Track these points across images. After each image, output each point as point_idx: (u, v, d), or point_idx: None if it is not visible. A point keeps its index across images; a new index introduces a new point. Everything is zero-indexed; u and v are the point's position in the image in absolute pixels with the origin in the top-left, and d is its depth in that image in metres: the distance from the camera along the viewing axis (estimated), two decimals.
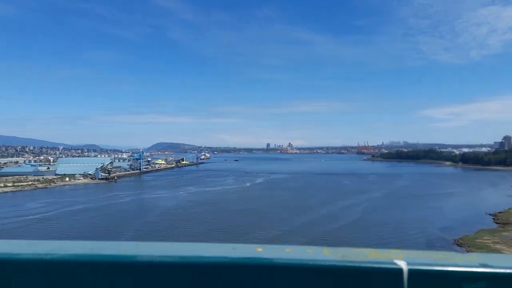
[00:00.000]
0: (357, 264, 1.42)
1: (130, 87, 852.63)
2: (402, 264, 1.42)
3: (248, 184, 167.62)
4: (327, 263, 1.39)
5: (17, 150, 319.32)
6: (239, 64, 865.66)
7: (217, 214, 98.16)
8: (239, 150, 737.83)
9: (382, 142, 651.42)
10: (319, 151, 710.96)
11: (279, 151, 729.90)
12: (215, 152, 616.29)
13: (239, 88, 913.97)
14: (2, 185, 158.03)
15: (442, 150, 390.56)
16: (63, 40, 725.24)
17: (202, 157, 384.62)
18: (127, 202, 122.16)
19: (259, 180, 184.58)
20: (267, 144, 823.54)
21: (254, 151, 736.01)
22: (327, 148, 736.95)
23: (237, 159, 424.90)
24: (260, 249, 1.15)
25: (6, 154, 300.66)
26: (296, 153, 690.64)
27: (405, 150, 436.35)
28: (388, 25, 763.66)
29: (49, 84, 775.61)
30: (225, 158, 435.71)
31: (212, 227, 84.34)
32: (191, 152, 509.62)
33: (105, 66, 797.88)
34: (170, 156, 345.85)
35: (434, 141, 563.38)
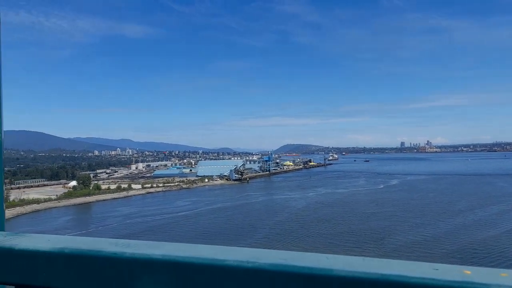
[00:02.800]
0: None
1: (259, 92, 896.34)
2: None
3: (381, 186, 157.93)
4: None
5: (165, 155, 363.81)
6: (368, 61, 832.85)
7: (347, 216, 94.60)
8: (370, 150, 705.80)
9: None
10: (464, 149, 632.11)
11: (415, 150, 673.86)
12: (344, 153, 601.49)
13: (368, 85, 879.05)
14: (155, 186, 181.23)
15: None
16: (198, 53, 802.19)
17: (329, 158, 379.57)
18: (259, 202, 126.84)
19: (394, 182, 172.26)
20: (401, 143, 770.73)
21: (386, 151, 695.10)
22: (474, 145, 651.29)
23: (367, 159, 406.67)
24: (468, 272, 0.96)
25: (157, 158, 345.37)
26: (436, 152, 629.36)
27: None
28: None
29: (187, 94, 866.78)
30: (354, 159, 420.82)
31: (343, 229, 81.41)
32: (318, 153, 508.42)
33: (236, 74, 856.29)
34: (298, 158, 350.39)
35: None
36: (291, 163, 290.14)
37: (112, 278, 0.96)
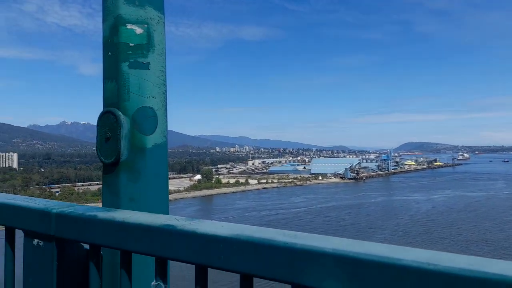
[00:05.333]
0: None
1: (376, 87, 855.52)
2: None
3: None
4: None
5: (280, 152, 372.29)
6: (506, 48, 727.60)
7: (481, 223, 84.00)
8: (509, 149, 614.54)
9: None
10: None
11: None
12: (476, 152, 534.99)
13: (506, 76, 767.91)
14: (270, 181, 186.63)
15: None
16: (314, 50, 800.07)
17: (459, 158, 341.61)
18: (377, 202, 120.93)
19: None
20: None
21: None
22: None
23: (506, 159, 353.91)
24: None
25: (272, 155, 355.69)
26: None
27: None
28: None
29: (303, 92, 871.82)
30: (490, 159, 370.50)
31: (476, 237, 72.51)
32: (445, 152, 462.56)
33: (352, 70, 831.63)
34: (421, 157, 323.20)
35: None
36: (413, 163, 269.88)
37: (284, 266, 1.00)
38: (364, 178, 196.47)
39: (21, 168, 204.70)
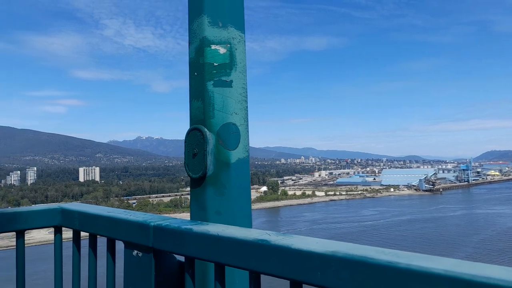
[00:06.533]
0: None
1: (451, 92, 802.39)
2: None
3: None
4: None
5: (347, 163, 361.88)
6: None
7: None
8: None
9: None
10: None
11: None
12: None
13: None
14: (338, 193, 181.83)
15: None
16: (381, 57, 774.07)
17: None
18: (457, 216, 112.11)
19: None
20: None
21: None
22: None
23: None
24: None
25: (339, 166, 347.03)
26: None
27: None
28: None
29: (370, 101, 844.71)
30: None
31: None
32: None
33: (422, 75, 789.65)
34: (506, 167, 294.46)
35: None
36: (497, 173, 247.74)
37: (385, 286, 0.95)
38: (441, 190, 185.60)
39: (102, 181, 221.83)
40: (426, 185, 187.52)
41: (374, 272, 0.98)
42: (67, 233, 2.27)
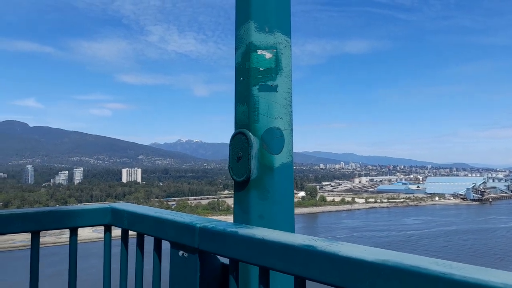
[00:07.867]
0: None
1: (503, 97, 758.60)
2: None
3: None
4: None
5: (389, 169, 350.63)
6: None
7: None
8: None
9: None
10: None
11: None
12: None
13: None
14: (379, 200, 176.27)
15: None
16: (427, 60, 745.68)
17: None
18: (508, 228, 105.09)
19: None
20: None
21: None
22: None
23: None
24: None
25: (380, 172, 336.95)
26: None
27: None
28: None
29: (415, 106, 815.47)
30: None
31: None
32: None
33: (471, 78, 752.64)
34: None
35: None
36: None
37: None
38: (490, 199, 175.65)
39: (144, 182, 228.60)
40: (474, 195, 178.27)
41: (426, 283, 0.95)
42: (115, 232, 2.39)
